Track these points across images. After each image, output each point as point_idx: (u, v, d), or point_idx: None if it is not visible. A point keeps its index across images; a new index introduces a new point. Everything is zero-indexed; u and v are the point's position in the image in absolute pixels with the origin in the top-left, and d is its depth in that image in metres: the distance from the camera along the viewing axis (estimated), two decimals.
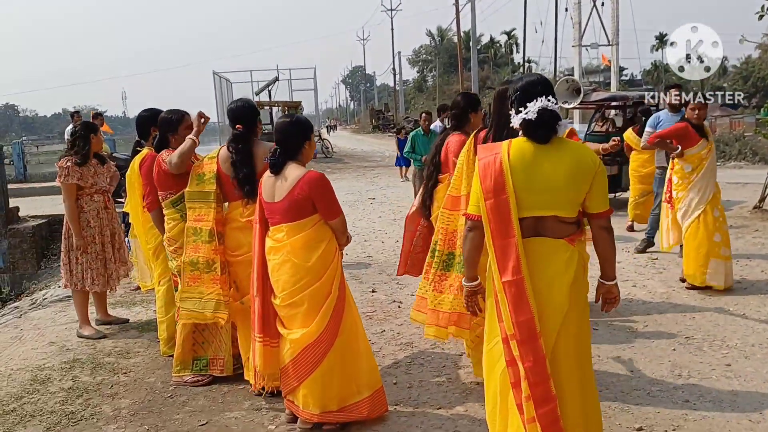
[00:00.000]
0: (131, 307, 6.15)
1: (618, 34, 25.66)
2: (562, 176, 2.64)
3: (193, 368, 4.28)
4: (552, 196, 2.66)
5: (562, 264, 2.68)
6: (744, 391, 3.72)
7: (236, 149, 3.86)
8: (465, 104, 4.61)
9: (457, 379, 4.10)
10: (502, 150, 2.72)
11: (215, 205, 3.91)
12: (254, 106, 4.02)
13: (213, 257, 3.87)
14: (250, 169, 3.81)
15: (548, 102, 2.64)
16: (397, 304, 5.85)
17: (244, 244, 3.86)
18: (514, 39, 65.55)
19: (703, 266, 5.62)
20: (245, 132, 3.88)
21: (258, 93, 29.32)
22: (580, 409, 2.68)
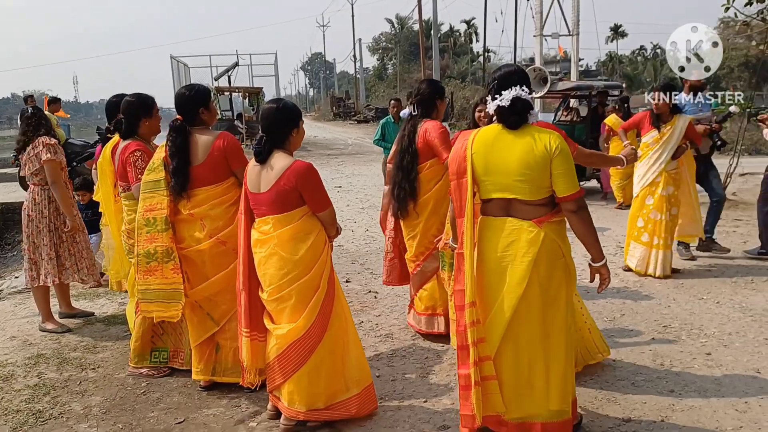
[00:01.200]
0: (95, 299, 5.91)
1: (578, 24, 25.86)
2: (514, 161, 2.84)
3: (152, 360, 4.15)
4: (507, 180, 2.87)
5: (525, 243, 2.85)
6: (727, 380, 3.75)
7: (171, 140, 3.67)
8: (432, 91, 4.57)
9: (441, 371, 4.04)
10: (470, 137, 2.97)
11: (167, 192, 3.70)
12: (197, 95, 3.74)
13: (171, 245, 3.68)
14: (181, 162, 3.62)
15: (522, 91, 2.87)
16: (373, 295, 5.76)
17: (186, 238, 3.70)
18: (473, 28, 65.85)
19: (625, 247, 6.20)
20: (182, 123, 3.68)
21: (217, 78, 28.76)
22: (542, 378, 2.90)
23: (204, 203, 3.66)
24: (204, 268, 3.70)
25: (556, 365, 2.91)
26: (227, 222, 3.66)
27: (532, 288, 2.85)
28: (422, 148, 4.54)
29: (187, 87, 3.80)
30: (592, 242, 2.92)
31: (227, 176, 3.68)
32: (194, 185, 3.65)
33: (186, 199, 3.68)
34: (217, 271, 3.68)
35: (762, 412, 3.36)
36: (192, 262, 3.70)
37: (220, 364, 3.82)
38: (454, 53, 68.52)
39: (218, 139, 3.65)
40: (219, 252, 3.66)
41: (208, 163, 3.62)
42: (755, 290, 5.44)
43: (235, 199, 3.67)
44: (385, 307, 5.39)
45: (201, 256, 3.68)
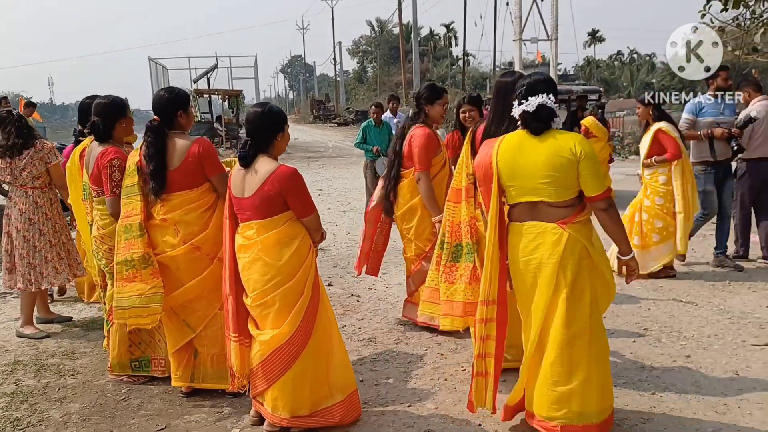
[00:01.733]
0: (73, 304, 5.83)
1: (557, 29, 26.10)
2: (540, 166, 2.95)
3: (133, 370, 4.10)
4: (533, 183, 2.97)
5: (550, 246, 2.96)
6: (706, 381, 3.80)
7: (148, 142, 3.62)
8: (419, 95, 4.60)
9: (425, 375, 4.04)
10: (495, 144, 3.09)
11: (140, 197, 3.66)
12: (176, 97, 3.70)
13: (147, 251, 3.62)
14: (158, 164, 3.57)
15: (548, 99, 2.97)
16: (356, 298, 5.75)
17: (160, 243, 3.64)
18: (453, 32, 66.06)
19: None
20: (160, 124, 3.64)
21: (196, 80, 28.58)
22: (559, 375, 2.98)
23: (178, 208, 3.60)
24: (178, 274, 3.64)
25: (578, 367, 2.98)
26: (201, 227, 3.61)
27: (559, 291, 2.96)
28: (407, 154, 4.58)
29: (166, 89, 3.77)
30: (621, 238, 3.08)
31: (202, 182, 3.62)
32: (168, 190, 3.60)
33: (160, 204, 3.64)
34: (191, 277, 3.62)
35: (741, 414, 3.41)
36: (166, 268, 3.65)
37: (198, 370, 3.78)
38: (434, 57, 68.72)
39: (194, 144, 3.60)
40: (193, 258, 3.61)
41: (182, 168, 3.57)
42: (732, 293, 5.52)
43: (210, 205, 3.64)
44: (368, 311, 5.38)
45: (175, 262, 3.62)
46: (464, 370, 4.08)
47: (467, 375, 4.00)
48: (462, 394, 3.75)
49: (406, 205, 4.57)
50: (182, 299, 3.67)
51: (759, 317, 4.88)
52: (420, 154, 4.42)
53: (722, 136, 6.05)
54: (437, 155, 4.55)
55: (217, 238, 3.62)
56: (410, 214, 4.54)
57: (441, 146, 4.60)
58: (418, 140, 4.46)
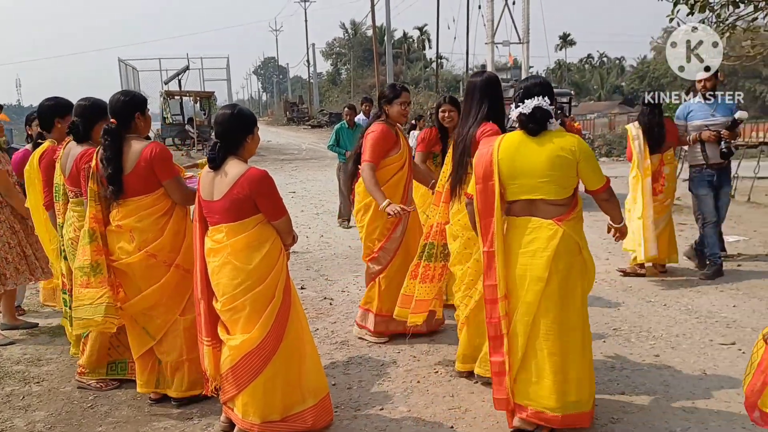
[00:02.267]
0: (40, 309, 5.70)
1: (528, 32, 26.35)
2: (540, 165, 3.09)
3: (108, 372, 4.03)
4: (533, 182, 3.11)
5: (544, 241, 3.10)
6: (675, 381, 3.85)
7: (105, 145, 3.55)
8: (381, 96, 4.60)
9: (397, 378, 4.03)
10: (495, 143, 3.21)
11: (92, 202, 3.59)
12: (132, 100, 3.64)
13: (96, 258, 3.55)
14: (115, 168, 3.50)
15: (543, 101, 3.11)
16: (329, 301, 5.72)
17: (116, 250, 3.58)
18: (426, 35, 66.35)
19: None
20: (117, 127, 3.57)
21: (167, 82, 28.29)
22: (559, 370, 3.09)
23: (132, 215, 3.54)
24: (136, 281, 3.58)
25: (573, 357, 3.11)
26: (157, 234, 3.54)
27: (551, 282, 3.08)
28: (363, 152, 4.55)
29: (123, 92, 3.71)
30: (614, 212, 3.34)
31: (156, 187, 3.55)
32: (123, 195, 3.54)
33: (116, 210, 3.58)
34: (148, 284, 3.56)
35: (708, 413, 3.46)
36: (124, 275, 3.60)
37: (162, 376, 3.71)
38: (407, 59, 68.87)
39: (146, 148, 3.52)
40: (149, 265, 3.54)
41: (135, 173, 3.50)
42: (700, 293, 5.62)
43: (165, 210, 3.58)
44: (341, 314, 5.36)
45: (131, 269, 3.56)
46: (437, 372, 4.08)
47: (440, 377, 4.01)
48: (434, 396, 3.75)
49: (361, 203, 4.57)
50: (141, 307, 3.60)
51: (726, 317, 4.97)
52: (370, 146, 4.39)
53: (710, 138, 5.93)
54: (394, 154, 4.49)
55: (174, 245, 3.57)
56: (363, 212, 4.55)
57: (400, 146, 4.53)
58: (370, 135, 4.47)
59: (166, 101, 25.81)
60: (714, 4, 8.64)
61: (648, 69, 56.59)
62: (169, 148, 9.43)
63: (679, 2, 8.85)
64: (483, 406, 3.60)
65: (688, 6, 8.77)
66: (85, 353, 4.00)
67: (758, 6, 8.44)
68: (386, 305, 4.54)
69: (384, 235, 4.49)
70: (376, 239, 4.52)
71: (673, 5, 8.89)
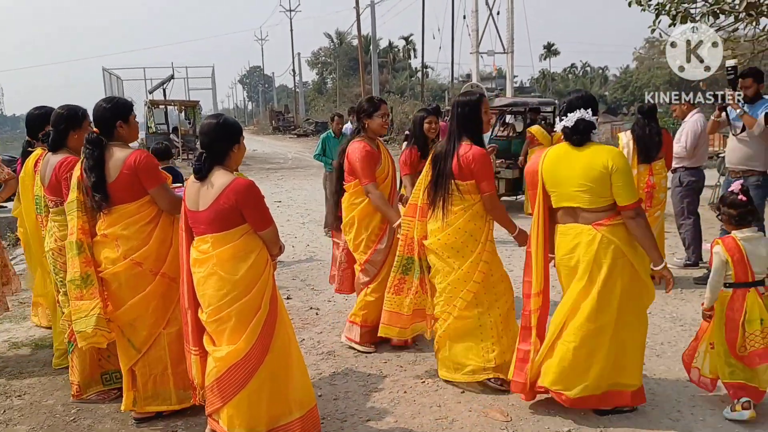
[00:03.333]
0: (21, 321, 5.62)
1: (513, 42, 26.59)
2: (576, 176, 3.37)
3: (104, 383, 3.97)
4: (570, 191, 3.40)
5: (585, 245, 3.38)
6: (660, 389, 3.88)
7: (87, 154, 3.52)
8: (360, 110, 4.60)
9: (384, 388, 4.01)
10: (543, 155, 3.54)
11: (78, 213, 3.55)
12: (115, 107, 3.60)
13: (86, 270, 3.51)
14: (98, 177, 3.46)
15: (586, 113, 3.35)
16: (315, 311, 5.70)
17: (102, 260, 3.54)
18: (412, 44, 66.62)
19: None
20: (98, 136, 3.53)
21: (152, 91, 28.14)
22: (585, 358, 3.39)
23: (117, 223, 3.50)
24: (121, 292, 3.52)
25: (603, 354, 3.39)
26: (142, 242, 3.50)
27: (593, 284, 3.35)
28: (347, 169, 4.57)
29: (106, 99, 3.64)
30: (648, 245, 3.37)
31: (141, 195, 3.52)
32: (108, 204, 3.50)
33: (101, 219, 3.54)
34: (133, 294, 3.51)
35: (693, 420, 3.49)
36: (109, 285, 3.54)
37: (139, 393, 3.62)
38: (393, 69, 69.14)
39: (130, 156, 3.49)
40: (135, 274, 3.50)
41: (118, 181, 3.46)
42: (684, 300, 5.66)
43: (151, 218, 3.54)
44: (327, 324, 5.33)
45: (117, 278, 3.51)
46: (424, 382, 4.07)
47: (427, 386, 4.00)
48: (421, 406, 3.75)
49: (347, 217, 4.59)
50: (127, 317, 3.54)
51: None
52: (362, 168, 4.42)
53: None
54: (377, 169, 4.52)
55: (160, 253, 3.54)
56: (349, 226, 4.57)
57: (381, 160, 4.56)
58: (356, 154, 4.47)
59: (151, 110, 25.66)
60: (695, 14, 8.76)
61: (631, 78, 57.23)
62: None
63: (661, 13, 8.98)
64: (470, 416, 3.60)
65: (669, 17, 8.90)
66: (75, 370, 3.93)
67: (738, 17, 8.57)
68: (371, 316, 4.57)
69: (369, 248, 4.50)
70: (362, 252, 4.53)
71: (655, 16, 9.03)
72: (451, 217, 3.84)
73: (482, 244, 3.86)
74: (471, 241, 3.85)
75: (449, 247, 3.87)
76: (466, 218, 3.84)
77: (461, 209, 3.85)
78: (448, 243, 3.87)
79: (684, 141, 6.56)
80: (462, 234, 3.85)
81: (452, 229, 3.85)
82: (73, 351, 3.87)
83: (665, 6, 8.91)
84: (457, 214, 3.85)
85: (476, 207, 3.85)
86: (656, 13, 8.91)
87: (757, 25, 8.79)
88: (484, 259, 3.86)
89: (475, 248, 3.85)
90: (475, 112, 3.86)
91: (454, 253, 3.87)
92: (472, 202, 3.84)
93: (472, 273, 3.84)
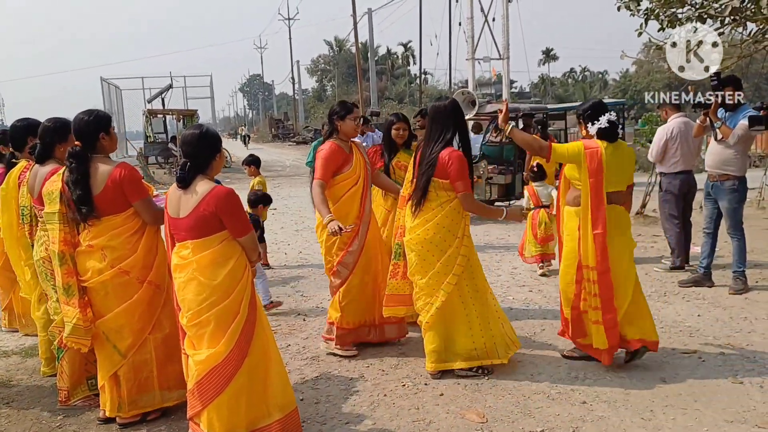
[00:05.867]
0: (13, 332, 5.69)
1: (508, 48, 26.69)
2: (625, 165, 4.22)
3: (90, 388, 4.03)
4: (621, 177, 4.22)
5: (623, 222, 4.25)
6: (636, 390, 3.94)
7: (71, 168, 3.58)
8: (333, 113, 4.70)
9: (365, 391, 4.08)
10: (600, 147, 4.11)
11: (61, 225, 3.62)
12: (96, 119, 3.65)
13: (68, 281, 3.60)
14: (83, 191, 3.52)
15: (611, 116, 4.15)
16: (302, 317, 5.76)
17: (89, 269, 3.60)
18: (410, 51, 66.89)
19: None
20: (82, 149, 3.60)
21: (150, 100, 28.24)
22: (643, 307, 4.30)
23: (103, 234, 3.57)
24: (108, 300, 3.60)
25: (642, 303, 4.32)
26: (129, 251, 3.58)
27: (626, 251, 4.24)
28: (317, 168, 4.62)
29: (86, 112, 3.69)
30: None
31: (126, 207, 3.59)
32: (93, 216, 3.57)
33: (86, 230, 3.61)
34: (120, 302, 3.59)
35: (665, 419, 3.55)
36: (96, 293, 3.62)
37: (123, 398, 3.69)
38: (392, 75, 69.36)
39: (115, 169, 3.56)
40: (122, 282, 3.58)
41: (103, 194, 3.53)
42: (667, 303, 5.72)
43: (137, 228, 3.62)
44: (313, 330, 5.39)
45: (104, 287, 3.59)
46: (404, 386, 4.13)
47: (407, 390, 4.07)
48: (400, 409, 3.81)
49: (319, 219, 4.65)
50: (113, 324, 3.62)
51: (690, 326, 5.08)
52: (320, 165, 4.49)
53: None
54: (346, 170, 4.58)
55: (147, 262, 3.62)
56: (322, 228, 4.61)
57: (352, 162, 4.62)
58: (321, 153, 4.56)
59: (149, 120, 25.79)
60: (682, 19, 8.85)
61: (630, 82, 57.30)
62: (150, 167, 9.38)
63: (649, 18, 9.08)
64: (447, 418, 3.66)
65: (658, 21, 9.00)
66: (65, 376, 3.99)
67: (724, 22, 8.66)
68: (347, 318, 4.67)
69: (342, 249, 4.57)
70: (334, 253, 4.60)
71: (645, 21, 9.12)
72: (428, 213, 4.09)
73: (459, 239, 4.11)
74: (449, 236, 4.09)
75: (428, 242, 4.10)
76: (443, 214, 4.08)
77: (438, 205, 4.09)
78: (427, 238, 4.10)
79: (651, 146, 6.73)
80: (440, 229, 4.09)
81: (431, 225, 4.09)
82: (63, 357, 3.95)
83: (654, 11, 9.02)
84: (434, 210, 4.10)
85: (453, 203, 4.10)
86: (645, 18, 9.01)
87: (744, 29, 8.88)
88: (462, 252, 4.10)
89: (452, 243, 4.09)
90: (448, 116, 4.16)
91: (432, 247, 4.10)
92: (449, 199, 4.09)
93: (451, 266, 4.08)
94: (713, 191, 6.05)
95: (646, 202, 10.35)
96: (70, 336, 3.58)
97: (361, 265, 4.61)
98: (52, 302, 3.94)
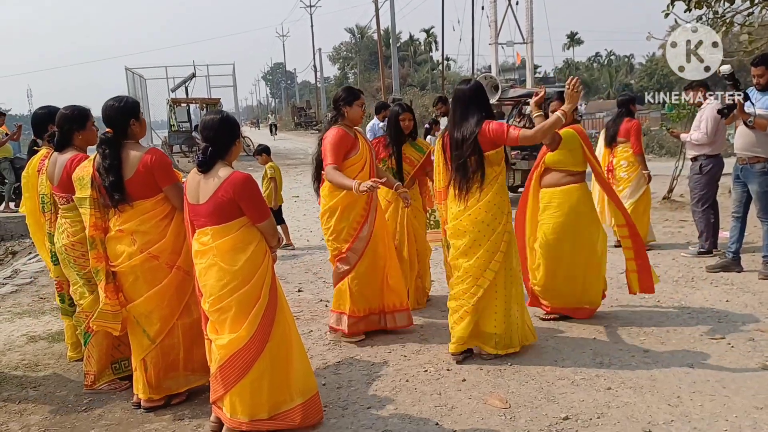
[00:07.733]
0: (40, 316, 5.79)
1: (532, 32, 26.29)
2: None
3: (114, 372, 4.10)
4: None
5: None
6: (662, 375, 3.87)
7: (103, 155, 3.61)
8: (339, 99, 4.63)
9: (386, 377, 4.07)
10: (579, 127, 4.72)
11: (92, 210, 3.66)
12: (126, 106, 3.68)
13: (96, 265, 3.66)
14: (116, 177, 3.56)
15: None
16: (324, 303, 5.76)
17: (120, 254, 3.64)
18: (433, 37, 66.36)
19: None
20: (114, 136, 3.63)
21: (174, 89, 28.45)
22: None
23: (133, 218, 3.60)
24: (137, 285, 3.64)
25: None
26: (158, 236, 3.61)
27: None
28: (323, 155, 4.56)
29: (115, 99, 3.72)
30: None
31: (157, 191, 3.62)
32: (125, 202, 3.60)
33: (116, 215, 3.64)
34: (150, 286, 3.62)
35: (692, 406, 3.48)
36: (126, 277, 3.66)
37: (151, 382, 3.73)
38: (414, 62, 68.95)
39: (145, 155, 3.59)
40: (152, 267, 3.61)
41: (134, 179, 3.57)
42: (694, 288, 5.62)
43: (166, 213, 3.65)
44: None
45: (134, 271, 3.62)
46: (426, 371, 4.11)
47: (429, 375, 4.05)
48: (422, 394, 3.79)
49: (326, 206, 4.60)
50: (143, 309, 3.66)
51: (718, 311, 4.97)
52: (330, 149, 4.44)
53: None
54: (353, 155, 4.54)
55: (175, 247, 3.64)
56: (329, 214, 4.58)
57: (358, 147, 4.58)
58: (328, 138, 4.51)
59: (173, 109, 25.95)
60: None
61: (657, 66, 56.32)
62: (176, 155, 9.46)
63: None
64: (469, 404, 3.64)
65: (685, 2, 8.78)
66: (92, 360, 4.05)
67: (754, 1, 8.42)
68: (358, 305, 4.66)
69: (351, 236, 4.54)
70: (343, 240, 4.56)
71: (670, 1, 8.91)
72: (479, 193, 4.06)
73: (506, 215, 4.13)
74: (499, 213, 4.09)
75: (480, 222, 4.06)
76: (494, 191, 4.07)
77: (487, 183, 4.06)
78: (479, 218, 4.07)
79: (704, 127, 6.52)
80: (491, 207, 4.07)
81: (482, 204, 4.05)
82: (90, 341, 4.00)
83: None
84: (485, 189, 4.06)
85: (500, 179, 4.10)
86: None
87: None
88: (507, 229, 4.12)
89: (501, 219, 4.09)
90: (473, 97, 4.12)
91: (484, 227, 4.06)
92: (496, 175, 4.09)
93: (498, 243, 4.07)
94: (743, 174, 5.90)
95: (673, 187, 10.17)
96: (96, 320, 3.63)
97: (370, 251, 4.59)
98: (78, 287, 3.99)
